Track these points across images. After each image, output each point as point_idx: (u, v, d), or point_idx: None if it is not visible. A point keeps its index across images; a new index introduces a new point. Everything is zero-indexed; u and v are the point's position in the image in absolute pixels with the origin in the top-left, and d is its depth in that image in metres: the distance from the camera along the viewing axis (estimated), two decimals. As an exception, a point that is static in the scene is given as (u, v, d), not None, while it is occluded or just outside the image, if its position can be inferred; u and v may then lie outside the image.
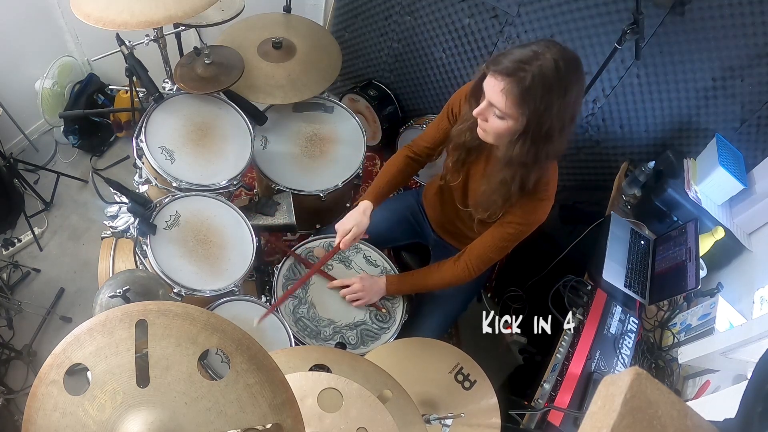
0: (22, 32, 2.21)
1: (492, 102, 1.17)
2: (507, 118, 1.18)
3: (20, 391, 1.89)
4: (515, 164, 1.24)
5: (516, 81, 1.11)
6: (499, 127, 1.20)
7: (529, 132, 1.17)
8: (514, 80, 1.11)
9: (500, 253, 1.46)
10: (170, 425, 0.69)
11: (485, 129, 1.25)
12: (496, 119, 1.20)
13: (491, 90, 1.16)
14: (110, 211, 1.50)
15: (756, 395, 0.65)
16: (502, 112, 1.16)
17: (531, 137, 1.18)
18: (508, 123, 1.18)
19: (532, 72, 1.10)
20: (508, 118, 1.18)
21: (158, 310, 0.73)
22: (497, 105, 1.16)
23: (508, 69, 1.12)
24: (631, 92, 1.94)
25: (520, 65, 1.10)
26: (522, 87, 1.11)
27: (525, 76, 1.10)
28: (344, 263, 1.67)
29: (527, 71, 1.10)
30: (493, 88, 1.15)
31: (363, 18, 2.49)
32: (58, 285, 2.20)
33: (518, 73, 1.10)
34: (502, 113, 1.17)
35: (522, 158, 1.22)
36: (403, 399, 1.07)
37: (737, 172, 1.67)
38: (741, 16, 1.57)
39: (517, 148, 1.20)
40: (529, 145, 1.19)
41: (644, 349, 1.51)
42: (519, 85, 1.11)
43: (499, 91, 1.14)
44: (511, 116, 1.17)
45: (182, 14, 1.44)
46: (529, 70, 1.10)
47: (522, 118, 1.15)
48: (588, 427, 0.56)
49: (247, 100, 1.78)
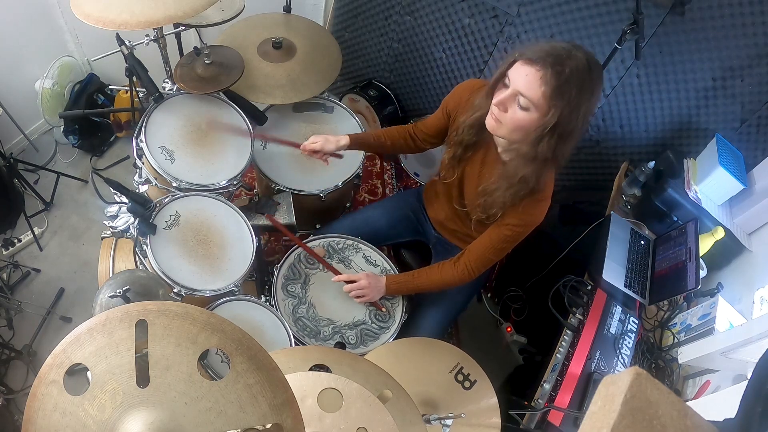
0: (22, 32, 2.21)
1: (522, 91, 1.14)
2: (533, 108, 1.15)
3: (20, 391, 1.89)
4: (540, 160, 1.22)
5: (555, 73, 1.09)
6: (521, 118, 1.17)
7: (557, 127, 1.15)
8: (554, 72, 1.09)
9: (499, 254, 1.46)
10: (170, 425, 0.69)
11: (501, 120, 1.21)
12: (519, 110, 1.17)
13: (524, 78, 1.13)
14: (110, 211, 1.50)
15: (756, 395, 0.65)
16: (531, 102, 1.13)
17: (558, 133, 1.16)
18: (532, 115, 1.16)
19: (570, 67, 1.09)
20: (533, 110, 1.15)
21: (158, 310, 0.73)
22: (528, 93, 1.13)
23: (548, 60, 1.10)
24: (631, 92, 1.94)
25: (558, 59, 1.09)
26: (561, 80, 1.09)
27: (563, 69, 1.09)
28: (344, 263, 1.67)
29: (565, 65, 1.09)
30: (527, 77, 1.12)
31: (363, 18, 2.49)
32: (58, 285, 2.20)
33: (557, 66, 1.09)
34: (530, 103, 1.14)
35: (547, 154, 1.19)
36: (403, 399, 1.07)
37: (737, 172, 1.67)
38: (741, 16, 1.57)
39: (544, 143, 1.18)
40: (555, 141, 1.17)
41: (644, 349, 1.51)
42: (558, 77, 1.09)
43: (537, 79, 1.11)
44: (538, 108, 1.14)
45: (182, 14, 1.44)
46: (567, 64, 1.09)
47: (554, 111, 1.13)
48: (588, 427, 0.56)
49: (247, 100, 1.78)
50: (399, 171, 2.84)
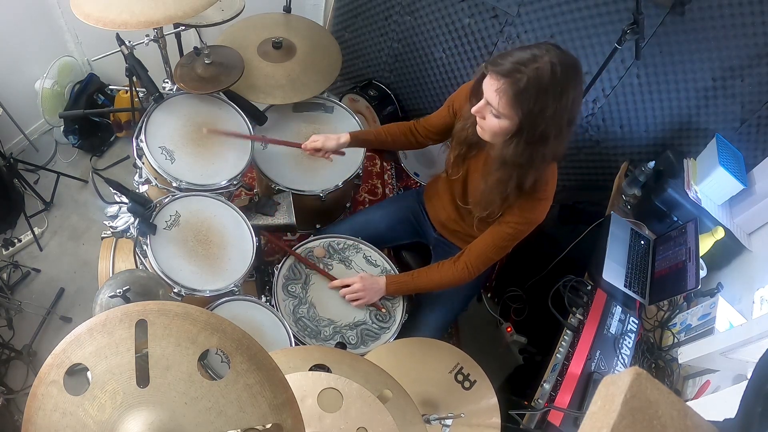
0: (22, 32, 2.21)
1: (488, 101, 1.20)
2: (502, 117, 1.20)
3: (20, 391, 1.89)
4: (509, 164, 1.27)
5: (511, 82, 1.14)
6: (495, 125, 1.23)
7: (523, 133, 1.20)
8: (510, 81, 1.14)
9: (500, 253, 1.47)
10: (170, 425, 0.69)
11: (483, 127, 1.28)
12: (493, 118, 1.23)
13: (488, 89, 1.19)
14: (110, 211, 1.50)
15: (756, 395, 0.65)
16: (497, 111, 1.19)
17: (525, 138, 1.21)
18: (503, 123, 1.21)
19: (528, 74, 1.12)
20: (503, 118, 1.20)
21: (158, 310, 0.73)
22: (492, 104, 1.19)
23: (505, 70, 1.14)
24: (631, 92, 1.94)
25: (517, 66, 1.13)
26: (516, 88, 1.14)
27: (521, 77, 1.13)
28: (344, 263, 1.67)
29: (523, 73, 1.12)
30: (490, 88, 1.18)
31: (363, 18, 2.49)
32: (58, 285, 2.20)
33: (514, 75, 1.13)
34: (498, 112, 1.20)
35: (516, 159, 1.25)
36: (403, 399, 1.07)
37: (737, 172, 1.67)
38: (741, 16, 1.57)
39: (511, 149, 1.24)
40: (523, 146, 1.22)
41: (644, 349, 1.51)
42: (514, 86, 1.14)
43: (494, 90, 1.17)
44: (506, 116, 1.20)
45: (182, 14, 1.44)
46: (525, 72, 1.12)
47: (516, 118, 1.18)
48: (588, 427, 0.56)
49: (247, 100, 1.78)
50: (399, 171, 2.84)
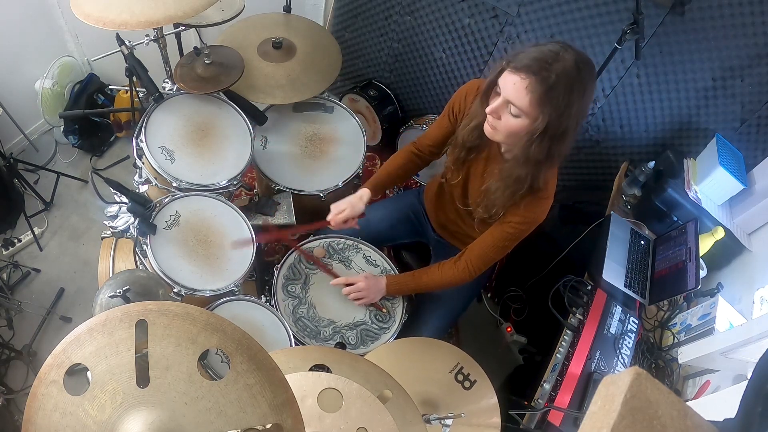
0: (22, 32, 2.21)
1: (510, 99, 1.16)
2: (523, 116, 1.17)
3: (20, 391, 1.89)
4: (531, 163, 1.24)
5: (540, 79, 1.10)
6: (513, 125, 1.20)
7: (548, 131, 1.17)
8: (539, 79, 1.10)
9: (500, 253, 1.46)
10: (170, 425, 0.69)
11: (496, 127, 1.24)
12: (511, 117, 1.19)
13: (512, 87, 1.15)
14: (110, 211, 1.50)
15: (756, 395, 0.65)
16: (521, 110, 1.16)
17: (549, 136, 1.18)
18: (524, 121, 1.18)
19: (556, 71, 1.09)
20: (524, 117, 1.17)
21: (158, 310, 0.73)
22: (517, 102, 1.15)
23: (532, 67, 1.11)
24: (631, 92, 1.94)
25: (544, 65, 1.10)
26: (546, 86, 1.10)
27: (549, 75, 1.10)
28: (344, 263, 1.67)
29: (551, 70, 1.10)
30: (515, 86, 1.14)
31: (363, 18, 2.49)
32: (58, 285, 2.20)
33: (542, 72, 1.10)
34: (520, 111, 1.16)
35: (539, 156, 1.22)
36: (403, 399, 1.07)
37: (737, 172, 1.67)
38: (741, 16, 1.57)
39: (535, 147, 1.20)
40: (547, 143, 1.19)
41: (644, 349, 1.51)
42: (543, 83, 1.10)
43: (523, 88, 1.12)
44: (528, 115, 1.16)
45: (182, 14, 1.44)
46: (553, 69, 1.10)
47: (542, 116, 1.14)
48: (588, 427, 0.56)
49: (247, 100, 1.78)
50: (399, 171, 2.83)
